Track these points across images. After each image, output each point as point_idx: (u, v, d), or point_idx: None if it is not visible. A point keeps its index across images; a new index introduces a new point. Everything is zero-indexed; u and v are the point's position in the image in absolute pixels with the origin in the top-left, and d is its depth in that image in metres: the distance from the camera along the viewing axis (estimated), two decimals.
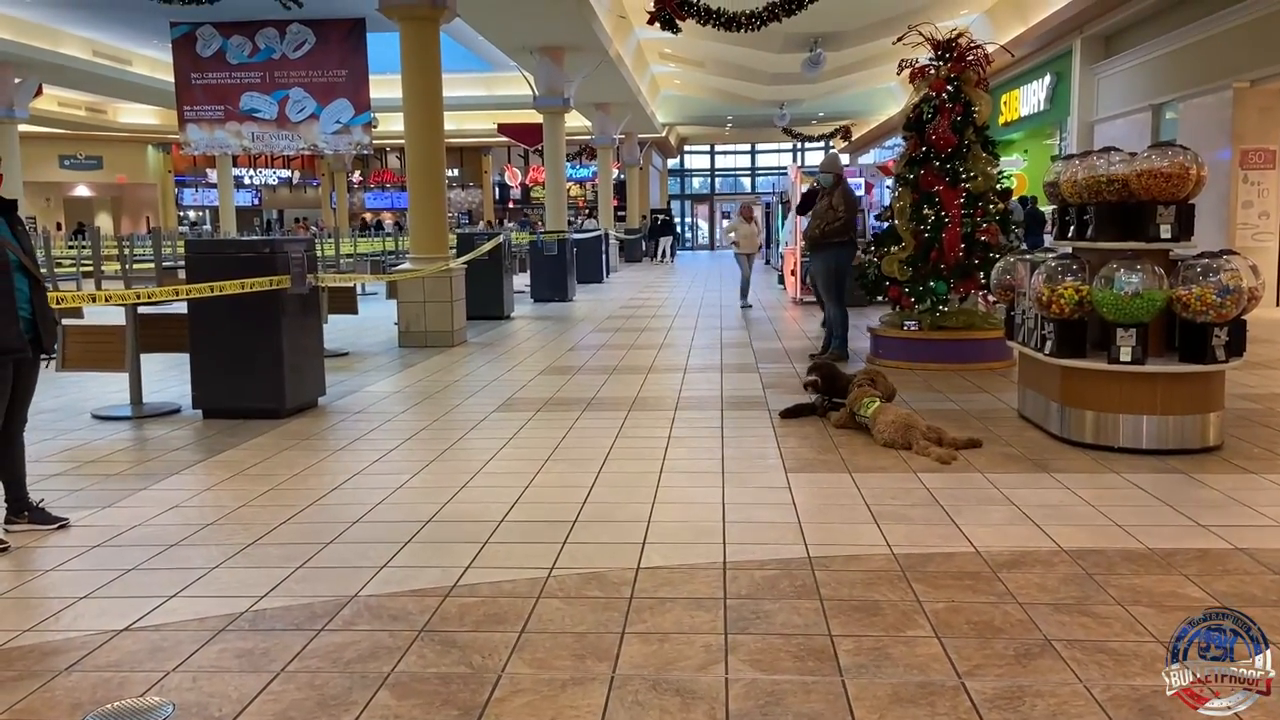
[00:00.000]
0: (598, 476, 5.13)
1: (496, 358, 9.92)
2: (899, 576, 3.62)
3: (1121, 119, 16.31)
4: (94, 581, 3.70)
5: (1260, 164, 13.18)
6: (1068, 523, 4.21)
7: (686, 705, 2.68)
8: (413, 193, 11.37)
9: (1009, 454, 5.47)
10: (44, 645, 3.16)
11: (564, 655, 3.00)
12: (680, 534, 4.16)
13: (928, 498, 4.65)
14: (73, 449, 5.98)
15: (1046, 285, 5.60)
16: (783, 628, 3.18)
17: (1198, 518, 4.26)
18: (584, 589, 3.56)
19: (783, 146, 44.40)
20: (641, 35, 21.28)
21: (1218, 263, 5.31)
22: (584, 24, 16.41)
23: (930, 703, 2.67)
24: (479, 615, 3.32)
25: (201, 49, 21.08)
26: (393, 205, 41.06)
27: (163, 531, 4.29)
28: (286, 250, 6.82)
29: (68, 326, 7.20)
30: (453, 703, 2.72)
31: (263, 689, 2.81)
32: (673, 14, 12.67)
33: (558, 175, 20.36)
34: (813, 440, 5.89)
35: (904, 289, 8.79)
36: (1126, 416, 5.41)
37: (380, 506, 4.65)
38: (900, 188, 9.04)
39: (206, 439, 6.20)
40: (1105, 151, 5.76)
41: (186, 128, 21.98)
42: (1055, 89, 18.78)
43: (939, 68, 8.79)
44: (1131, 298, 5.26)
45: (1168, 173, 5.33)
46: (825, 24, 17.83)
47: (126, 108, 32.76)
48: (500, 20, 16.60)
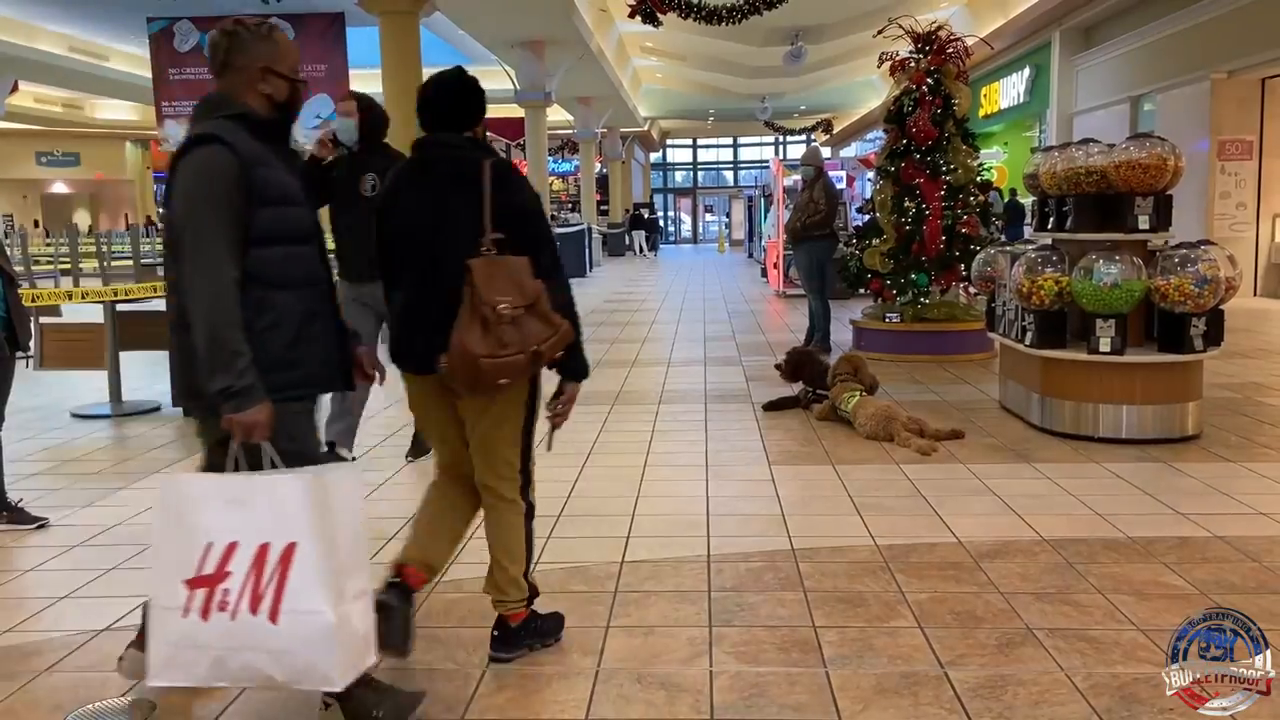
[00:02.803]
0: (581, 471, 5.13)
1: None
2: (882, 568, 3.63)
3: (1101, 111, 16.41)
4: (74, 581, 3.67)
5: (1238, 155, 13.30)
6: (1049, 512, 4.24)
7: (671, 698, 2.69)
8: None
9: (990, 445, 5.50)
10: (24, 646, 3.13)
11: (548, 650, 3.00)
12: (664, 527, 4.16)
13: (910, 489, 4.67)
14: (52, 448, 5.93)
15: (1027, 277, 5.63)
16: (767, 620, 3.19)
17: (1177, 506, 4.30)
18: (568, 583, 3.56)
19: (765, 140, 44.46)
20: (623, 28, 21.24)
21: (1195, 253, 5.35)
22: (564, 17, 16.36)
23: (914, 693, 2.68)
24: (463, 611, 3.32)
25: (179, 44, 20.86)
26: None
27: (143, 531, 4.25)
28: None
29: (46, 325, 7.14)
30: (437, 698, 2.71)
31: (245, 688, 2.79)
32: (654, 7, 12.66)
33: (540, 169, 20.30)
34: (796, 433, 5.91)
35: (886, 281, 8.82)
36: (1106, 406, 5.44)
37: (363, 503, 4.62)
38: (881, 180, 9.07)
39: (187, 437, 6.15)
40: (1084, 143, 5.80)
41: (165, 123, 21.74)
42: (1035, 81, 18.87)
43: (919, 60, 8.82)
44: (1110, 289, 5.30)
45: (1146, 164, 5.37)
46: (806, 17, 17.84)
47: (104, 103, 32.44)
48: (480, 13, 16.52)
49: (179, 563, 2.22)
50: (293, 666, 2.22)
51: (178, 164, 2.37)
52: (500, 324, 2.63)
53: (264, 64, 2.47)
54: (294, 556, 2.20)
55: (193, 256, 2.29)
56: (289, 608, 2.19)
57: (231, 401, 2.26)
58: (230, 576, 2.20)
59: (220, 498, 2.25)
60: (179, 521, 2.24)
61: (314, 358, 2.47)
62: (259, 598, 2.19)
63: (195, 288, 2.29)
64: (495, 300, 2.62)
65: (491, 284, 2.64)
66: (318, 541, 2.22)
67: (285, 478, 2.28)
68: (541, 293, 2.71)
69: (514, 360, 2.65)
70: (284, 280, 2.41)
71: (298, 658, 2.21)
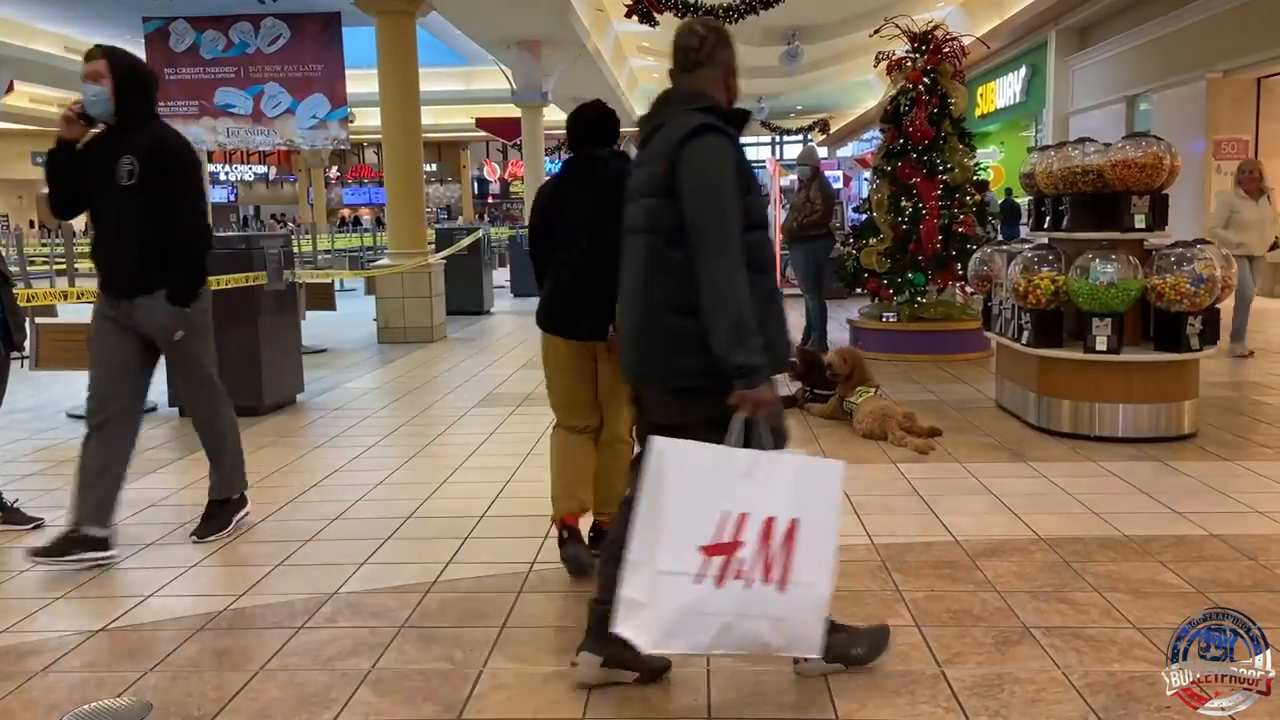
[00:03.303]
0: None
1: (476, 353, 9.89)
2: (879, 566, 3.63)
3: (1097, 110, 16.43)
4: (70, 581, 3.66)
5: (1233, 154, 13.30)
6: (1045, 511, 4.24)
7: (669, 697, 2.69)
8: (391, 188, 11.30)
9: (987, 444, 5.50)
10: (20, 646, 3.13)
11: (545, 650, 3.00)
12: None
13: (907, 488, 4.67)
14: (47, 448, 5.92)
15: (1023, 276, 5.64)
16: None
17: (1173, 505, 4.30)
18: (565, 583, 3.56)
19: (761, 140, 44.45)
20: (620, 28, 21.23)
21: (1191, 252, 5.36)
22: (561, 17, 16.34)
23: (910, 691, 2.69)
24: (460, 611, 3.32)
25: (175, 44, 20.80)
26: (370, 201, 40.85)
27: (139, 530, 4.25)
28: (263, 246, 6.76)
29: (41, 325, 7.12)
30: (434, 699, 2.71)
31: (242, 687, 2.79)
32: (650, 7, 12.64)
33: (537, 170, 20.29)
34: (793, 432, 5.90)
35: (882, 281, 8.82)
36: (1103, 405, 5.45)
37: (360, 503, 4.63)
38: (878, 180, 9.07)
39: (183, 437, 6.14)
40: (1080, 142, 5.80)
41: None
42: (1031, 81, 18.89)
43: (915, 60, 8.83)
44: (1107, 287, 5.31)
45: (1142, 163, 5.38)
46: (803, 17, 17.84)
47: None
48: (477, 13, 16.50)
49: (693, 530, 2.29)
50: (788, 635, 2.39)
51: (681, 151, 2.49)
52: None
53: (729, 63, 2.71)
54: (797, 531, 2.35)
55: (716, 241, 2.44)
56: (795, 579, 2.34)
57: (747, 378, 2.39)
58: (743, 546, 2.30)
59: (732, 470, 2.35)
60: (693, 489, 2.32)
61: (778, 338, 2.62)
62: (769, 568, 2.32)
63: (718, 270, 2.42)
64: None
65: None
66: (815, 519, 2.39)
67: (792, 456, 2.47)
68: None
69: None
70: (759, 263, 2.56)
71: (794, 626, 2.38)
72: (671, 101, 2.66)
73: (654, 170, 2.58)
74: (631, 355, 2.68)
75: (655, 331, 2.57)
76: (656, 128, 2.64)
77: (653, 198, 2.56)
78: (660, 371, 2.60)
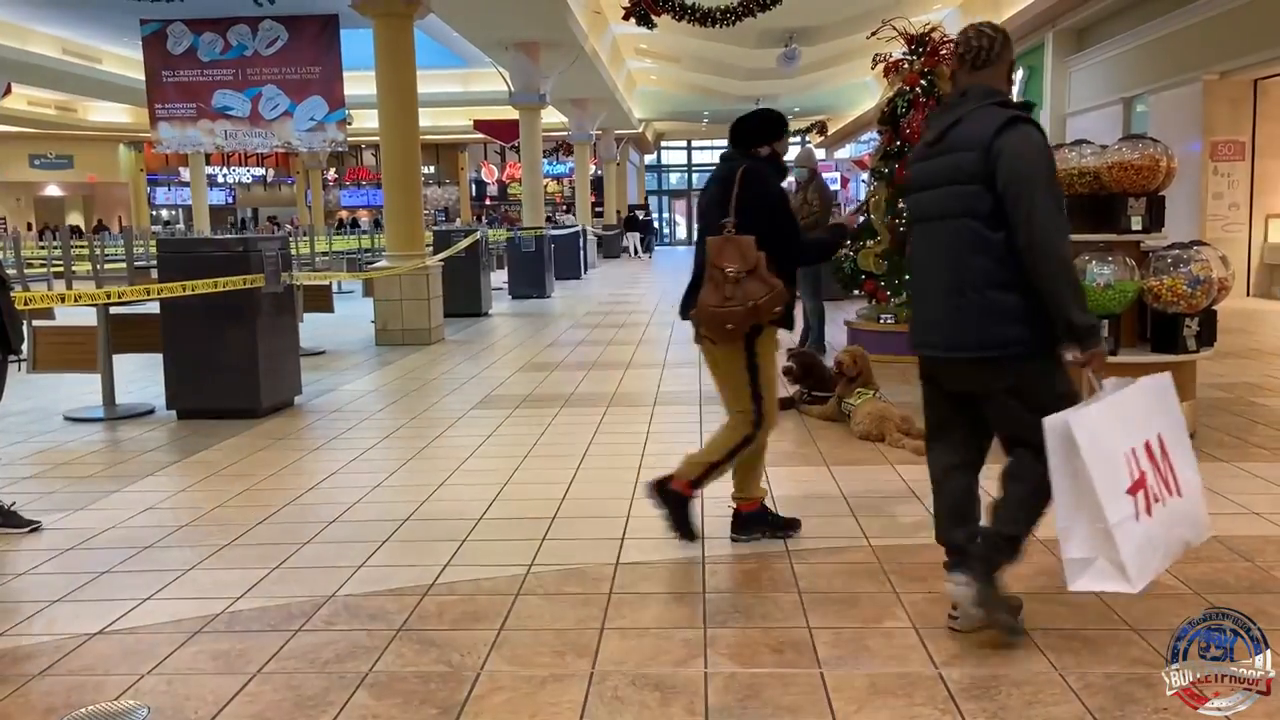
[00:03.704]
0: (576, 472, 5.13)
1: (474, 355, 9.89)
2: (877, 568, 3.64)
3: (1094, 112, 16.45)
4: (68, 585, 3.66)
5: (1230, 156, 13.34)
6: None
7: (666, 700, 2.69)
8: (388, 190, 11.31)
9: None
10: (17, 650, 3.12)
11: (543, 652, 3.00)
12: (659, 529, 4.15)
13: (905, 490, 4.67)
14: (45, 451, 5.92)
15: None
16: (761, 621, 3.19)
17: None
18: (563, 585, 3.56)
19: None
20: (617, 31, 21.25)
21: (1188, 254, 5.37)
22: (559, 19, 16.36)
23: (908, 693, 2.69)
24: (457, 613, 3.32)
25: (173, 46, 20.83)
26: (368, 203, 40.82)
27: (137, 534, 4.25)
28: (260, 248, 6.77)
29: (39, 327, 7.12)
30: (431, 701, 2.71)
31: (239, 690, 2.79)
32: (648, 9, 12.67)
33: (535, 172, 20.29)
34: (790, 434, 5.91)
35: (880, 282, 8.83)
36: None
37: (358, 506, 4.63)
38: (875, 182, 9.08)
39: (181, 439, 6.14)
40: (1077, 144, 5.80)
41: (158, 126, 21.73)
42: (1028, 83, 18.89)
43: (913, 62, 8.83)
44: (1103, 289, 5.30)
45: (1138, 165, 5.38)
46: (800, 19, 17.87)
47: (97, 106, 32.40)
48: (474, 15, 16.52)
49: (1116, 480, 2.64)
50: (1195, 525, 2.83)
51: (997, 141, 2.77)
52: (726, 283, 3.57)
53: (1011, 61, 3.02)
54: (1165, 442, 2.78)
55: (1050, 218, 2.75)
56: (1181, 479, 2.77)
57: (1094, 337, 2.78)
58: (1146, 475, 2.69)
59: (1113, 418, 2.70)
60: (1102, 447, 2.65)
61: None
62: (1166, 480, 2.74)
63: (1056, 245, 2.76)
64: (723, 265, 3.58)
65: (721, 254, 3.61)
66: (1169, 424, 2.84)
67: (1129, 385, 2.80)
68: (761, 261, 3.56)
69: (735, 311, 3.56)
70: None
71: (1195, 515, 2.82)
72: (968, 98, 2.93)
73: (958, 160, 2.85)
74: (939, 330, 2.96)
75: (971, 307, 2.85)
76: (953, 122, 2.91)
77: (964, 185, 2.83)
78: (976, 342, 2.87)
